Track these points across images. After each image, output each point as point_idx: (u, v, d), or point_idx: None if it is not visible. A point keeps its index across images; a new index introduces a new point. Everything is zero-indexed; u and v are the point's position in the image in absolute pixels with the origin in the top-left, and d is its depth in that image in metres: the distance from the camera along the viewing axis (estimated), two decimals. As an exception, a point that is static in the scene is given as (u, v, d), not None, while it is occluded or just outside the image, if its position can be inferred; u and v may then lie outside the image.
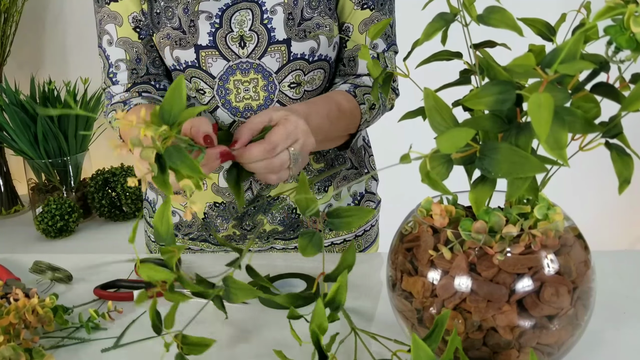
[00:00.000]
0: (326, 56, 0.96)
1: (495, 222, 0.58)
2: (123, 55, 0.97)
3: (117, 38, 0.96)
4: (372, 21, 0.97)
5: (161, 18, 0.93)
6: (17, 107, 1.64)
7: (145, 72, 0.98)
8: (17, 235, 1.73)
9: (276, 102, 0.95)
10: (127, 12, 0.95)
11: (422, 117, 0.64)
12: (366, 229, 1.12)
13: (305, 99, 0.97)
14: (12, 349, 0.66)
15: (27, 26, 1.99)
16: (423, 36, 0.59)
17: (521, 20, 0.59)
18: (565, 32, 0.59)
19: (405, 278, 0.62)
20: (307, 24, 0.92)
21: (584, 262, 0.60)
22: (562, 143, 0.46)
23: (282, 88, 0.94)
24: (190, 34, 0.91)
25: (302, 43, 0.92)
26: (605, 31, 0.50)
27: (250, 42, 0.91)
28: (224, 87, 0.94)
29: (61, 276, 0.94)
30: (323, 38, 0.93)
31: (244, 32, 0.91)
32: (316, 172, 1.03)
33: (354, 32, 0.97)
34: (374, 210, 0.69)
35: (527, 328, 0.57)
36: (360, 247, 1.12)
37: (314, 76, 0.96)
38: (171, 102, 0.57)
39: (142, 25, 0.96)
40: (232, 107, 0.95)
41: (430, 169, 0.51)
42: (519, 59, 0.49)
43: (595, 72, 0.55)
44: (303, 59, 0.93)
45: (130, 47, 0.97)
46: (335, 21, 0.95)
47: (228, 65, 0.93)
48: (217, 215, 1.03)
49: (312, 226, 1.05)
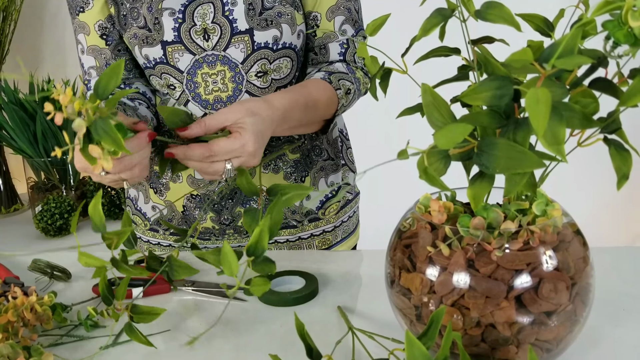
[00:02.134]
0: (290, 44, 0.97)
1: (494, 218, 0.58)
2: (93, 62, 1.01)
3: (87, 46, 1.00)
4: (338, 8, 0.99)
5: (127, 19, 0.97)
6: (16, 106, 1.64)
7: None
8: (17, 233, 1.73)
9: (245, 92, 0.97)
10: (94, 20, 0.98)
11: (420, 114, 0.64)
12: (344, 220, 1.14)
13: (272, 88, 0.99)
14: (10, 346, 0.66)
15: (26, 25, 1.99)
16: (421, 32, 0.59)
17: (519, 16, 0.59)
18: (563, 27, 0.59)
19: (404, 275, 0.62)
20: (268, 13, 0.94)
21: (582, 258, 0.60)
22: (560, 138, 0.46)
23: (249, 78, 0.96)
24: (155, 31, 0.94)
25: (264, 32, 0.94)
26: (604, 26, 0.50)
27: (214, 34, 0.93)
28: (192, 81, 0.96)
29: (60, 274, 0.94)
30: (285, 26, 0.95)
31: (207, 24, 0.93)
32: (292, 163, 1.04)
33: (322, 20, 0.99)
34: (312, 188, 0.71)
35: (525, 324, 0.57)
36: (338, 238, 1.13)
37: (280, 64, 0.98)
38: (107, 79, 0.61)
39: (107, 32, 0.99)
40: (202, 100, 0.97)
41: (428, 165, 0.51)
42: (516, 54, 0.48)
43: (594, 67, 0.55)
44: (267, 48, 0.95)
45: (99, 54, 1.00)
46: (298, 10, 0.97)
47: (194, 59, 0.95)
48: (194, 207, 1.05)
49: (291, 217, 1.06)
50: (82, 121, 0.60)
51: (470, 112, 0.57)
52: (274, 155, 0.84)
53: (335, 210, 1.12)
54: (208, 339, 0.75)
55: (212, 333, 0.76)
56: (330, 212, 1.11)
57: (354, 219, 1.18)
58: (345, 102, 0.97)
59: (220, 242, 1.08)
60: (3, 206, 1.88)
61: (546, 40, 0.57)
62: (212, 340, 0.75)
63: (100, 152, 0.61)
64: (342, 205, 1.13)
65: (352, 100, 0.99)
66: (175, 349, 0.74)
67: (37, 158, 1.68)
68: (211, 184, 1.04)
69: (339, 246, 1.13)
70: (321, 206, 1.09)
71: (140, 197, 1.10)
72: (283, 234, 1.08)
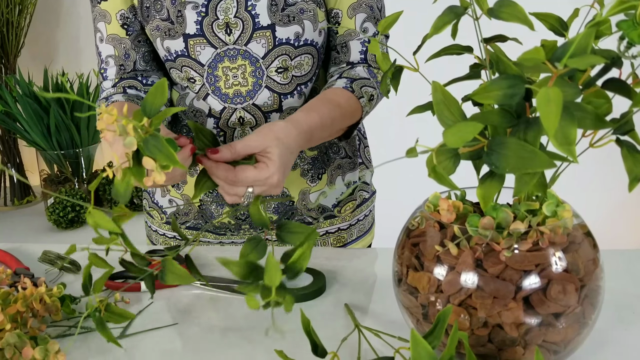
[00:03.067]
0: (312, 41, 0.97)
1: (503, 219, 0.57)
2: (112, 52, 1.00)
3: (106, 35, 1.00)
4: (359, 5, 0.97)
5: (150, 11, 0.96)
6: (30, 99, 1.65)
7: (133, 68, 1.01)
8: (29, 225, 1.74)
9: (265, 87, 0.97)
10: (115, 9, 0.98)
11: (431, 112, 0.63)
12: (359, 218, 1.13)
13: (293, 85, 0.99)
14: (17, 336, 0.67)
15: (41, 18, 2.00)
16: (432, 29, 0.59)
17: (533, 15, 0.58)
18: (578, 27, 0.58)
19: (411, 273, 0.62)
20: (290, 9, 0.93)
21: (592, 260, 0.60)
22: (571, 139, 0.45)
23: (269, 73, 0.96)
24: (178, 23, 0.94)
25: (286, 28, 0.94)
26: (618, 26, 0.50)
27: (236, 28, 0.93)
28: (213, 74, 0.96)
29: (70, 266, 0.94)
30: (307, 23, 0.95)
31: (229, 19, 0.93)
32: (309, 160, 1.04)
33: (343, 17, 0.98)
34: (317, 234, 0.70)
35: (533, 325, 0.57)
36: (353, 236, 1.13)
37: (301, 61, 0.97)
38: (153, 98, 0.62)
39: (129, 22, 0.99)
40: (222, 94, 0.98)
41: (437, 164, 0.50)
42: (528, 53, 0.48)
43: (607, 68, 0.54)
44: (289, 44, 0.95)
45: (119, 44, 1.00)
46: (320, 7, 0.97)
47: (216, 52, 0.95)
48: (211, 202, 1.05)
49: (307, 214, 1.05)
50: (133, 139, 0.60)
51: (481, 110, 0.56)
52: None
53: (352, 208, 1.12)
54: (214, 333, 0.75)
55: (218, 327, 0.76)
56: (346, 210, 1.11)
57: (369, 217, 1.17)
58: (369, 109, 0.97)
59: (235, 237, 1.08)
60: (16, 198, 1.90)
61: (560, 40, 0.56)
62: (219, 334, 0.75)
63: (154, 165, 0.61)
64: (358, 204, 1.13)
65: (374, 105, 0.99)
66: (182, 342, 0.74)
67: (50, 151, 1.70)
68: None
69: (354, 244, 1.13)
70: (337, 204, 1.09)
71: (158, 191, 1.10)
72: None
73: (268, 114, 1.00)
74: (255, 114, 0.99)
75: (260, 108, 0.99)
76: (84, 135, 1.72)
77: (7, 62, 1.81)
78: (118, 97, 0.98)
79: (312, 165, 1.04)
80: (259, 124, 1.00)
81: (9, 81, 1.72)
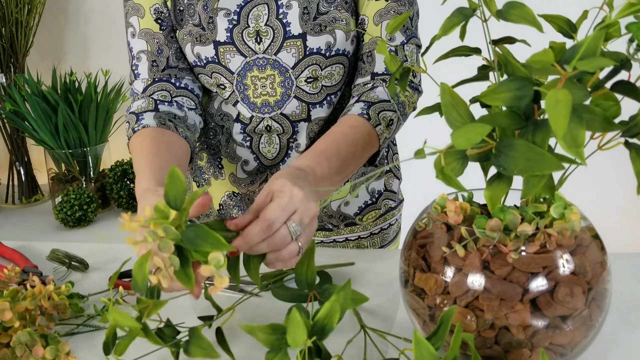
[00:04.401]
0: (344, 51, 0.94)
1: (511, 220, 0.57)
2: (145, 47, 0.97)
3: (139, 30, 0.97)
4: (387, 12, 0.92)
5: (184, 15, 0.94)
6: (38, 98, 1.66)
7: (166, 65, 0.97)
8: (37, 224, 1.75)
9: (293, 97, 0.95)
10: (150, 3, 0.95)
11: (439, 113, 0.63)
12: (383, 227, 1.11)
13: (322, 94, 0.96)
14: (28, 334, 0.67)
15: (50, 18, 2.01)
16: (441, 31, 0.59)
17: (542, 17, 0.58)
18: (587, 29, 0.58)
19: (418, 274, 0.62)
20: (323, 18, 0.90)
21: (600, 262, 0.60)
22: (580, 141, 0.45)
23: (298, 83, 0.94)
24: (209, 30, 0.92)
25: (318, 37, 0.91)
26: (627, 28, 0.50)
27: (266, 37, 0.91)
28: (242, 82, 0.95)
29: (78, 264, 0.95)
30: (340, 32, 0.91)
31: (260, 27, 0.91)
32: None
33: (369, 24, 0.93)
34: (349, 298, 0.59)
35: (540, 328, 0.57)
36: (376, 245, 1.11)
37: (332, 71, 0.95)
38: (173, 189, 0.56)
39: (163, 17, 0.96)
40: (250, 103, 0.96)
41: (445, 165, 0.50)
42: (537, 55, 0.48)
43: (616, 70, 0.54)
44: (319, 54, 0.92)
45: (152, 38, 0.96)
46: (354, 15, 0.93)
47: (245, 61, 0.93)
48: (234, 205, 1.04)
49: (327, 221, 1.05)
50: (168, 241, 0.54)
51: (489, 112, 0.56)
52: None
53: (374, 217, 1.08)
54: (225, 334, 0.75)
55: (225, 326, 0.77)
56: (369, 219, 1.08)
57: (395, 227, 1.14)
58: (388, 134, 0.90)
59: None
60: (24, 196, 1.91)
61: (568, 42, 0.56)
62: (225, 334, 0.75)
63: (213, 270, 0.54)
64: (382, 213, 1.09)
65: (396, 128, 0.93)
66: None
67: (58, 150, 1.71)
68: (252, 184, 1.02)
69: None
70: (359, 212, 1.07)
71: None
72: (318, 236, 1.06)
73: (296, 122, 0.97)
74: (282, 123, 0.97)
75: (288, 117, 0.97)
76: (91, 134, 1.73)
77: (16, 62, 1.82)
78: (149, 120, 0.91)
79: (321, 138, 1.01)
80: (286, 132, 0.98)
81: (17, 80, 1.73)
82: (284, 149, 1.00)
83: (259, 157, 1.00)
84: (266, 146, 0.99)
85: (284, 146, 0.99)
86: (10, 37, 1.78)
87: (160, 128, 0.90)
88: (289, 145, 1.00)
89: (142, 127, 0.90)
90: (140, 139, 0.89)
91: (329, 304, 0.55)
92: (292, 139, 0.99)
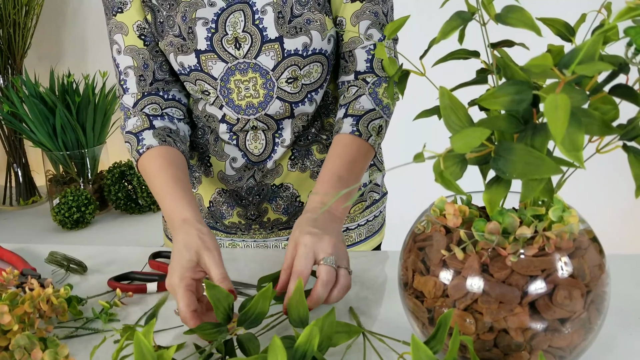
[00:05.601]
0: (321, 50, 0.97)
1: (509, 223, 0.57)
2: (131, 63, 1.00)
3: (124, 46, 1.00)
4: (363, 12, 0.96)
5: (164, 27, 0.97)
6: (36, 99, 1.66)
7: (153, 79, 1.00)
8: (34, 226, 1.75)
9: (276, 98, 0.98)
10: (132, 21, 0.98)
11: (437, 116, 0.63)
12: (369, 219, 1.14)
13: (303, 93, 0.99)
14: (27, 337, 0.67)
15: (48, 19, 2.01)
16: (440, 34, 0.59)
17: (540, 20, 0.59)
18: (585, 33, 0.58)
19: (417, 277, 0.62)
20: (297, 20, 0.94)
21: (598, 265, 0.60)
22: (579, 145, 0.45)
23: (279, 84, 0.97)
24: (189, 40, 0.95)
25: (294, 39, 0.94)
26: (625, 32, 0.50)
27: (245, 42, 0.94)
28: (225, 87, 0.97)
29: (76, 267, 0.95)
30: (315, 33, 0.95)
31: (238, 33, 0.94)
32: (319, 162, 1.05)
33: (346, 25, 0.97)
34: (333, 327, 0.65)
35: (538, 330, 0.57)
36: (362, 236, 1.14)
37: (310, 70, 0.97)
38: None
39: (146, 32, 0.99)
40: (235, 106, 0.99)
41: (444, 169, 0.50)
42: (536, 59, 0.48)
43: (615, 74, 0.54)
44: (297, 55, 0.95)
45: (137, 54, 0.99)
46: (329, 14, 0.96)
47: (227, 66, 0.96)
48: (223, 202, 1.07)
49: None
50: None
51: (488, 116, 0.56)
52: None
53: (360, 209, 1.12)
54: (220, 336, 0.75)
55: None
56: (355, 211, 1.11)
57: (379, 218, 1.18)
58: (380, 140, 0.96)
59: (246, 237, 1.09)
60: (22, 198, 1.91)
61: (567, 45, 0.56)
62: (225, 337, 0.75)
63: None
64: (367, 205, 1.13)
65: (385, 131, 0.98)
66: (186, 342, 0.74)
67: (56, 151, 1.70)
68: (240, 181, 1.05)
69: (362, 245, 1.14)
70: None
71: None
72: None
73: (280, 121, 1.01)
74: (267, 122, 1.00)
75: (272, 117, 1.00)
76: (89, 136, 1.73)
77: (13, 63, 1.82)
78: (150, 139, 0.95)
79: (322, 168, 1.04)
80: (270, 129, 1.01)
81: (15, 82, 1.73)
82: (270, 145, 1.03)
83: (247, 154, 1.03)
84: (252, 142, 1.02)
85: (270, 142, 1.02)
86: (7, 39, 1.78)
87: (163, 146, 0.95)
88: (274, 141, 1.02)
89: (147, 148, 0.94)
90: (150, 159, 0.93)
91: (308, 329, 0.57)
92: (278, 134, 1.02)
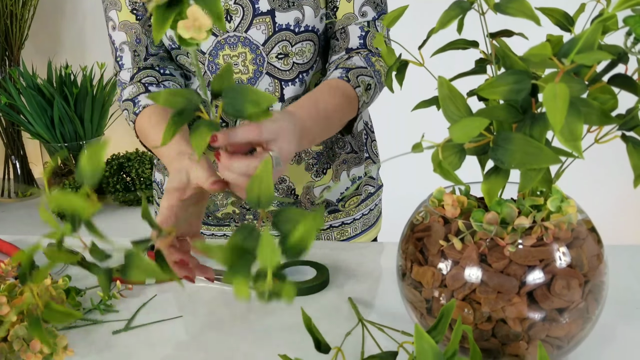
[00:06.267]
0: (313, 27, 0.96)
1: (508, 214, 0.57)
2: (125, 38, 1.00)
3: (118, 22, 1.00)
4: None
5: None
6: (34, 91, 1.65)
7: (146, 54, 1.01)
8: (33, 217, 1.75)
9: (265, 74, 0.97)
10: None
11: (436, 107, 0.63)
12: (364, 213, 1.14)
13: (294, 72, 0.98)
14: (25, 328, 0.67)
15: (45, 10, 2.00)
16: (438, 24, 0.59)
17: (539, 10, 0.58)
18: (584, 22, 0.58)
19: (415, 268, 0.62)
20: None
21: (596, 255, 0.60)
22: (577, 134, 0.45)
23: (270, 60, 0.97)
24: None
25: (286, 13, 0.94)
26: (625, 21, 0.50)
27: (236, 15, 0.94)
28: (214, 62, 0.97)
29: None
30: (308, 9, 0.94)
31: (230, 5, 0.93)
32: (314, 155, 1.04)
33: (341, 1, 0.97)
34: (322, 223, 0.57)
35: (536, 320, 0.57)
36: (358, 230, 1.13)
37: (302, 48, 0.97)
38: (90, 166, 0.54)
39: (138, 7, 0.99)
40: None
41: (443, 159, 0.50)
42: (535, 49, 0.48)
43: (613, 64, 0.54)
44: (289, 30, 0.95)
45: (130, 29, 1.00)
46: None
47: (216, 40, 0.95)
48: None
49: (310, 208, 1.06)
50: None
51: (487, 106, 0.56)
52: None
53: (356, 203, 1.12)
54: (218, 327, 0.75)
55: (222, 320, 0.77)
56: (351, 205, 1.11)
57: (375, 211, 1.17)
58: (366, 98, 0.95)
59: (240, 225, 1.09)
60: (20, 190, 1.91)
61: (566, 35, 0.56)
62: (222, 328, 0.75)
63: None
64: (363, 198, 1.13)
65: (374, 95, 0.97)
66: (186, 335, 0.74)
67: (54, 143, 1.70)
68: None
69: (359, 238, 1.13)
70: (341, 199, 1.09)
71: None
72: None
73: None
74: None
75: None
76: (87, 127, 1.72)
77: (11, 55, 1.81)
78: (144, 100, 0.95)
79: (317, 160, 1.04)
80: None
81: (12, 73, 1.72)
82: None
83: None
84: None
85: None
86: (4, 30, 1.77)
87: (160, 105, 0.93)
88: None
89: (143, 108, 0.94)
90: (148, 114, 0.92)
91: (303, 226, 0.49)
92: None
